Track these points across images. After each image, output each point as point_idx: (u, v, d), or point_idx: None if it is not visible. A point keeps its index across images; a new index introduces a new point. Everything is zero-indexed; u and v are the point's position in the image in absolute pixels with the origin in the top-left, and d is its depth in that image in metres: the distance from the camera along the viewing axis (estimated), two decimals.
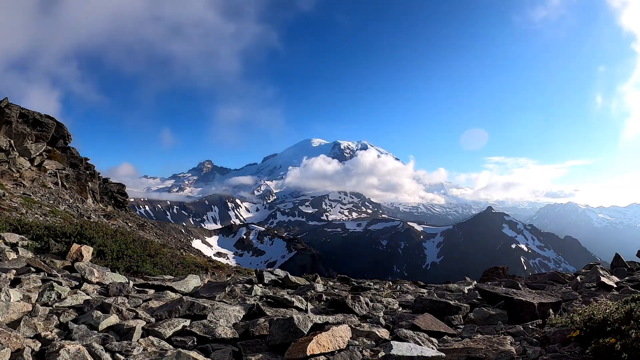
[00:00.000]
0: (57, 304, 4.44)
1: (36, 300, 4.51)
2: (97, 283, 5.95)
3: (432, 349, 3.76)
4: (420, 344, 3.99)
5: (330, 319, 4.32)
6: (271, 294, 6.52)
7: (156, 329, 3.88)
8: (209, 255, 31.31)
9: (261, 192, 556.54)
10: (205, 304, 4.60)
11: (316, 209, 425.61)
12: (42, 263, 6.15)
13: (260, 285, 7.74)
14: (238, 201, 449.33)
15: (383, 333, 4.43)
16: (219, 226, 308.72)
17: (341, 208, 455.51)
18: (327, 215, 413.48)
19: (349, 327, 4.02)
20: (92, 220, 15.88)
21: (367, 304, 5.89)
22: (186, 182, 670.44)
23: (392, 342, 3.63)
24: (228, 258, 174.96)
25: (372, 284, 11.27)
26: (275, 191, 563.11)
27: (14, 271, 5.47)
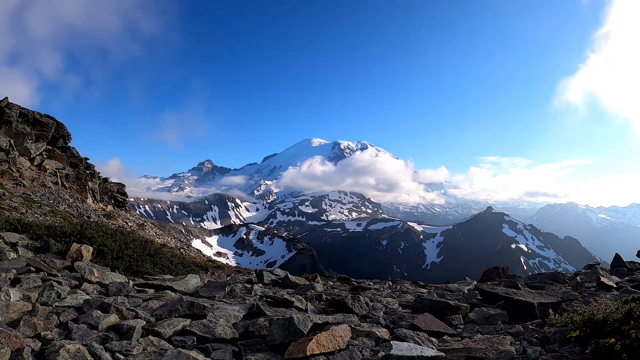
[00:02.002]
0: (57, 304, 4.43)
1: (36, 300, 4.51)
2: (97, 283, 5.95)
3: (432, 348, 3.77)
4: (420, 344, 3.99)
5: (330, 318, 4.32)
6: (271, 293, 6.52)
7: (156, 328, 3.88)
8: (208, 255, 31.30)
9: (261, 192, 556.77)
10: (205, 304, 4.60)
11: (316, 209, 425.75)
12: (42, 263, 6.15)
13: (260, 285, 7.75)
14: (238, 201, 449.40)
15: (383, 333, 4.44)
16: (219, 226, 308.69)
17: (341, 208, 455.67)
18: (327, 215, 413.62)
19: (348, 327, 4.02)
20: (92, 220, 15.88)
21: (367, 304, 5.89)
22: (186, 182, 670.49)
23: (392, 341, 3.63)
24: (228, 258, 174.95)
25: (372, 284, 11.28)
26: (275, 191, 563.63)
27: (14, 271, 5.47)
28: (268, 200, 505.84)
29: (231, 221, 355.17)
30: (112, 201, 28.40)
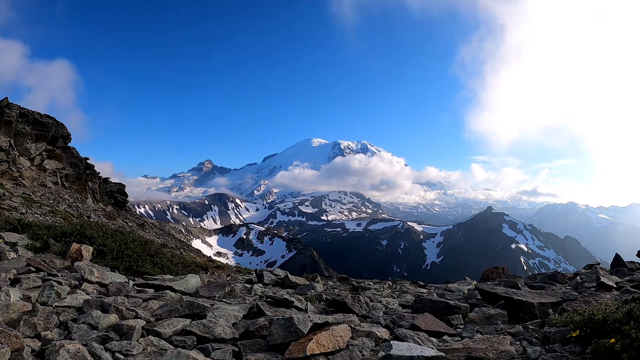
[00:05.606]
0: (56, 304, 4.43)
1: (36, 300, 4.51)
2: (97, 283, 5.95)
3: (432, 348, 3.76)
4: (420, 344, 3.99)
5: (330, 318, 4.32)
6: (271, 293, 6.52)
7: (156, 328, 3.88)
8: (209, 255, 31.29)
9: (261, 191, 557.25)
10: (205, 304, 4.60)
11: (316, 209, 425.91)
12: (42, 262, 6.15)
13: (260, 285, 7.75)
14: (238, 201, 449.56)
15: (383, 333, 4.44)
16: (219, 226, 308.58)
17: (341, 208, 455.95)
18: (327, 215, 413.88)
19: (348, 327, 4.02)
20: (92, 219, 15.88)
21: (367, 303, 5.89)
22: (186, 182, 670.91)
23: (392, 341, 3.63)
24: (228, 258, 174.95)
25: (372, 284, 11.28)
26: (275, 190, 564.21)
27: (14, 271, 5.47)
28: (268, 200, 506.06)
29: (231, 221, 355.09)
30: (112, 201, 28.39)
